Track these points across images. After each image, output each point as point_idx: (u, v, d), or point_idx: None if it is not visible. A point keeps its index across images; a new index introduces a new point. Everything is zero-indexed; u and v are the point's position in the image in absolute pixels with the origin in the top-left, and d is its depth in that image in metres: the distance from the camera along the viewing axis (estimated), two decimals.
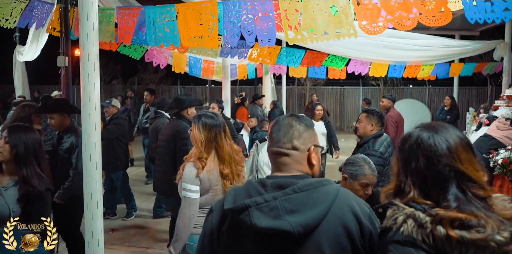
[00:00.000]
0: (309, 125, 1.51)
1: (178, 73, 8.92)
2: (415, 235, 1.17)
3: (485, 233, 1.13)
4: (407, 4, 2.42)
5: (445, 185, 1.22)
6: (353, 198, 1.39)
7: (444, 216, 1.16)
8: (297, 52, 7.55)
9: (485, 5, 2.23)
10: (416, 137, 1.29)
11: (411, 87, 16.59)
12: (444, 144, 1.25)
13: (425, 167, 1.24)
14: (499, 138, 5.43)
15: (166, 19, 3.26)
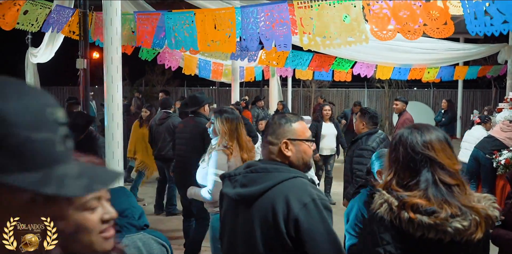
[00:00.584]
0: (285, 123, 1.75)
1: (184, 75, 9.13)
2: (386, 216, 1.40)
3: (440, 218, 1.33)
4: (414, 16, 2.61)
5: (418, 169, 1.43)
6: (298, 189, 1.61)
7: (407, 201, 1.37)
8: (304, 55, 7.74)
9: (485, 19, 2.41)
10: (399, 135, 1.54)
11: (416, 90, 16.73)
12: (420, 137, 1.47)
13: (402, 156, 1.46)
14: (502, 139, 5.57)
15: (185, 24, 3.46)
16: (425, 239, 1.35)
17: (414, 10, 2.61)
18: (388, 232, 1.40)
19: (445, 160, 1.44)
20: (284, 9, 2.90)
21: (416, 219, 1.34)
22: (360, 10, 2.78)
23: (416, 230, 1.35)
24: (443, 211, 1.34)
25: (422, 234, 1.35)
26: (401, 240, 1.39)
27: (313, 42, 2.89)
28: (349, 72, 9.71)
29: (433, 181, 1.40)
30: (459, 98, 14.32)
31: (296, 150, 1.74)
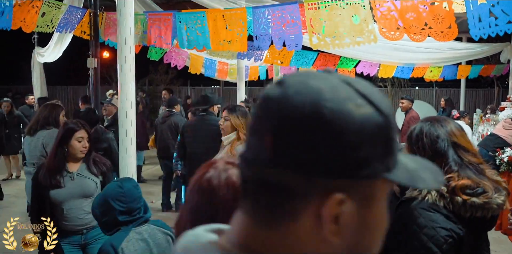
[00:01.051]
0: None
1: (188, 75, 9.25)
2: (438, 202, 1.47)
3: (488, 197, 1.43)
4: (420, 18, 2.72)
5: (445, 154, 1.54)
6: None
7: (456, 185, 1.45)
8: (309, 54, 7.83)
9: (489, 20, 2.51)
10: (419, 128, 1.64)
11: (418, 89, 16.81)
12: (442, 128, 1.59)
13: (429, 146, 1.57)
14: (504, 137, 5.66)
15: (197, 24, 3.56)
16: (472, 218, 1.45)
17: (421, 12, 2.71)
18: (443, 216, 1.46)
19: (466, 144, 1.59)
20: (295, 10, 3.00)
21: (469, 200, 1.43)
22: (369, 11, 2.88)
23: (467, 211, 1.44)
24: (489, 190, 1.44)
25: (471, 214, 1.44)
26: (455, 221, 1.46)
27: (322, 42, 3.00)
28: (352, 71, 9.79)
29: (462, 162, 1.51)
30: (461, 97, 14.37)
31: None
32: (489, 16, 2.50)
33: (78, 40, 5.68)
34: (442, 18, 2.66)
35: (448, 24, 2.67)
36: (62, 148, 2.79)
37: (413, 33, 2.73)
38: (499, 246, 4.89)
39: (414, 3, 2.68)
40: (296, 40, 3.01)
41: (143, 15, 4.50)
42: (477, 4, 2.52)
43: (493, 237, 5.31)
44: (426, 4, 2.65)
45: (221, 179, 1.02)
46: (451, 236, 1.43)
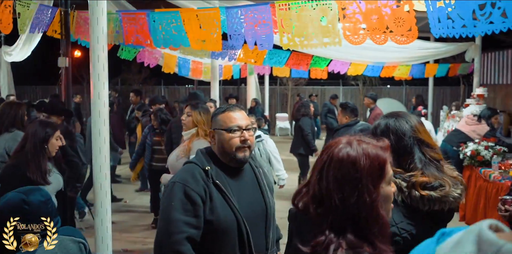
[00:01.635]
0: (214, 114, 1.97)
1: (162, 74, 9.22)
2: (397, 197, 1.53)
3: (445, 191, 1.53)
4: (382, 21, 2.84)
5: (411, 151, 1.62)
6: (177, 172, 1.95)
7: (416, 181, 1.54)
8: (282, 53, 7.94)
9: (447, 22, 2.65)
10: (385, 124, 1.70)
11: (389, 87, 17.22)
12: (407, 123, 1.67)
13: (396, 142, 1.62)
14: (467, 132, 5.92)
15: (172, 23, 3.60)
16: (430, 211, 1.54)
17: (383, 15, 2.83)
18: (400, 211, 1.54)
19: (428, 139, 1.68)
20: (267, 11, 3.09)
21: (426, 195, 1.52)
22: (336, 13, 2.99)
23: (424, 204, 1.53)
24: (446, 184, 1.54)
25: (429, 207, 1.53)
26: (411, 217, 1.54)
27: (291, 42, 3.09)
28: (325, 70, 9.98)
29: (426, 158, 1.60)
30: (429, 95, 14.80)
31: (217, 139, 1.90)
32: (447, 19, 2.65)
33: (48, 39, 5.59)
34: (403, 21, 2.78)
35: (408, 27, 2.80)
36: (44, 145, 2.86)
37: (376, 36, 2.85)
38: None
39: (377, 6, 2.80)
40: (267, 40, 3.10)
41: (116, 14, 4.49)
42: (436, 6, 2.66)
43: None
44: (389, 7, 2.78)
45: (359, 151, 1.15)
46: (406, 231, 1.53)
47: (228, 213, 1.78)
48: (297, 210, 1.23)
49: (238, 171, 1.93)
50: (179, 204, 1.73)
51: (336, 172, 1.14)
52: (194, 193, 1.74)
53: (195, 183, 1.76)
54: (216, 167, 1.86)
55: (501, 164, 5.18)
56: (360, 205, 1.10)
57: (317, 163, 1.21)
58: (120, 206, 6.31)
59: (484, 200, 5.10)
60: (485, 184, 5.15)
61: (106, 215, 3.78)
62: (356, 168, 1.12)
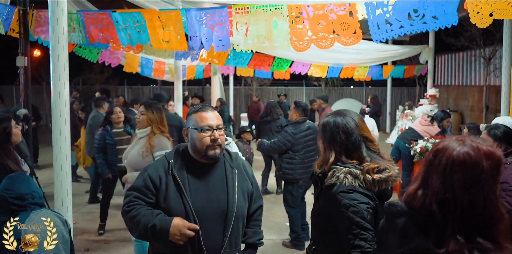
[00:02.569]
0: (188, 114, 2.09)
1: (125, 74, 9.16)
2: (354, 183, 1.76)
3: (390, 172, 1.80)
4: (329, 26, 3.06)
5: (359, 147, 1.86)
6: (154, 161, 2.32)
7: (368, 167, 1.80)
8: (245, 54, 8.10)
9: (386, 27, 2.93)
10: (333, 122, 1.90)
11: (350, 88, 17.74)
12: (352, 121, 1.89)
13: (346, 139, 1.86)
14: (420, 132, 6.28)
15: (135, 23, 3.68)
16: (379, 191, 1.80)
17: (330, 21, 3.06)
18: (361, 194, 1.75)
19: (369, 134, 1.92)
20: (224, 14, 3.23)
21: (377, 178, 1.77)
22: (286, 18, 3.18)
23: (375, 186, 1.78)
24: (389, 167, 1.82)
25: (379, 188, 1.79)
26: (371, 198, 1.77)
27: (245, 44, 3.26)
28: (287, 71, 10.23)
29: (370, 151, 1.87)
30: (388, 95, 15.43)
31: (190, 137, 2.06)
32: (386, 24, 2.91)
33: (4, 38, 5.50)
34: (348, 25, 3.02)
35: (353, 30, 3.03)
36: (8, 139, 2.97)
37: (322, 40, 3.05)
38: None
39: (325, 12, 3.02)
40: (224, 42, 3.24)
41: (77, 14, 4.50)
42: (375, 14, 2.91)
43: None
44: (335, 13, 3.00)
45: (477, 151, 1.21)
46: (370, 207, 1.74)
47: (179, 205, 1.96)
48: (412, 209, 1.30)
49: (209, 168, 2.07)
50: (137, 183, 2.05)
51: (461, 176, 1.20)
52: (149, 178, 2.01)
53: (155, 170, 2.02)
54: (184, 162, 2.05)
55: None
56: (487, 205, 1.17)
57: (432, 165, 1.27)
58: (79, 205, 6.27)
59: None
60: None
61: (67, 213, 3.81)
62: (481, 169, 1.18)
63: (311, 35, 3.08)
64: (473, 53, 12.32)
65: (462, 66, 13.61)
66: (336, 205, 1.75)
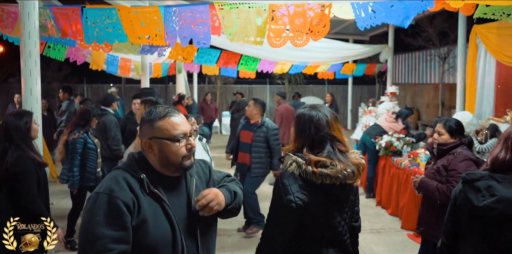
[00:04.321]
0: (149, 119, 1.66)
1: (84, 71, 8.94)
2: (295, 171, 1.88)
3: (336, 169, 1.87)
4: (305, 24, 3.19)
5: (324, 144, 1.95)
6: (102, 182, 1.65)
7: (311, 159, 1.88)
8: (213, 52, 8.12)
9: (370, 14, 3.14)
10: (308, 115, 1.99)
11: (312, 86, 18.09)
12: (325, 118, 1.97)
13: (314, 133, 1.95)
14: (385, 127, 6.57)
15: (106, 20, 3.63)
16: (323, 185, 1.87)
17: (307, 17, 3.19)
18: (297, 183, 1.87)
19: (340, 135, 2.00)
20: (205, 11, 3.27)
21: (317, 171, 1.85)
22: (267, 15, 3.27)
23: (317, 179, 1.86)
24: (338, 165, 1.89)
25: (322, 181, 1.86)
26: (305, 188, 1.87)
27: (236, 37, 3.30)
28: None
29: (334, 150, 1.94)
30: (349, 93, 15.88)
31: (158, 149, 1.64)
32: (369, 11, 3.11)
33: None
34: (320, 20, 3.19)
35: (323, 24, 3.20)
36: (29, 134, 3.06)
37: (297, 39, 3.18)
38: (379, 219, 5.70)
39: (304, 9, 3.15)
40: (204, 38, 3.28)
41: (45, 9, 4.39)
42: (360, 3, 3.10)
43: (375, 211, 6.17)
44: (313, 10, 3.14)
45: None
46: (298, 196, 1.84)
47: (164, 225, 1.60)
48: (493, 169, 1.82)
49: (174, 181, 1.72)
50: (104, 217, 1.49)
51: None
52: (121, 202, 1.52)
53: (122, 191, 1.55)
54: (151, 176, 1.64)
55: (410, 153, 5.84)
56: None
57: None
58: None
59: (397, 186, 5.71)
60: (397, 171, 5.77)
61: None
62: None
63: (288, 32, 3.21)
64: (429, 52, 12.90)
65: (419, 65, 14.22)
66: (277, 188, 1.93)
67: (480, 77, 6.87)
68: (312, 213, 1.88)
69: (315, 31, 3.29)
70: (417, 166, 5.35)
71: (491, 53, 6.54)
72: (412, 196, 5.21)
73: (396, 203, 5.69)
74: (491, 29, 6.43)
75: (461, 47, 7.02)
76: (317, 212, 1.90)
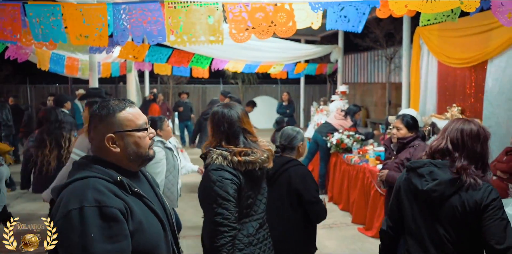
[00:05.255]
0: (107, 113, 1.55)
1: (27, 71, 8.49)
2: (223, 163, 2.16)
3: (256, 156, 2.21)
4: (267, 17, 3.24)
5: (238, 137, 2.26)
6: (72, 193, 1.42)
7: (235, 150, 2.20)
8: (164, 50, 7.99)
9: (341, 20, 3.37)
10: (221, 112, 2.28)
11: (265, 86, 18.25)
12: (236, 114, 2.28)
13: (228, 128, 2.25)
14: (335, 125, 6.76)
15: (51, 17, 3.47)
16: (247, 170, 2.19)
17: (268, 12, 3.24)
18: (228, 172, 2.15)
19: (250, 128, 2.32)
20: (157, 8, 3.21)
21: (242, 160, 2.17)
22: (221, 13, 3.27)
23: (242, 166, 2.17)
24: (257, 152, 2.23)
25: (245, 168, 2.18)
26: (236, 175, 2.16)
27: (179, 39, 3.27)
28: (206, 69, 10.27)
29: (247, 140, 2.27)
30: (301, 92, 16.15)
31: (126, 143, 1.55)
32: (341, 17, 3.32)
33: None
34: (285, 16, 3.25)
35: (289, 22, 3.27)
36: None
37: (261, 31, 3.22)
38: (331, 214, 5.84)
39: (262, 5, 3.19)
40: (159, 35, 3.22)
41: None
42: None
43: (327, 207, 6.30)
44: (272, 5, 3.20)
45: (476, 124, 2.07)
46: (233, 183, 2.13)
47: (154, 221, 1.56)
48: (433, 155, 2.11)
49: (139, 176, 1.69)
50: (100, 232, 1.34)
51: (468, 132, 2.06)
52: (116, 210, 1.39)
53: (111, 199, 1.41)
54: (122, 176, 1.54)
55: (359, 149, 6.05)
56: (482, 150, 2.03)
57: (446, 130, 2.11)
58: None
59: (348, 181, 5.89)
60: (347, 167, 5.95)
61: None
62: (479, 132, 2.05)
63: (251, 26, 3.23)
64: (377, 53, 13.40)
65: (368, 65, 14.74)
66: (208, 180, 2.16)
67: (423, 77, 7.22)
68: (242, 196, 2.19)
69: (280, 27, 3.35)
70: (366, 162, 5.55)
71: (433, 53, 6.89)
72: (362, 192, 5.40)
73: (347, 198, 5.87)
74: (432, 31, 6.78)
75: (405, 48, 7.34)
76: (245, 195, 2.21)
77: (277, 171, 2.87)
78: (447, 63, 6.55)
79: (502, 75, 5.44)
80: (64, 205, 1.38)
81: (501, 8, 2.88)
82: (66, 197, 1.41)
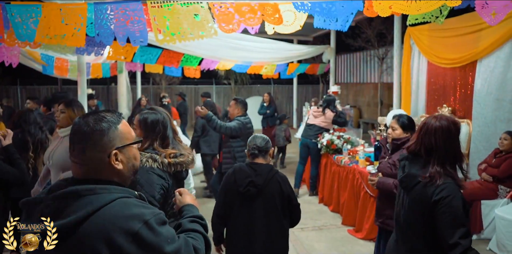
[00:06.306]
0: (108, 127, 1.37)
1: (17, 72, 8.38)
2: (153, 165, 2.27)
3: (184, 158, 2.36)
4: (254, 10, 3.22)
5: (167, 137, 2.43)
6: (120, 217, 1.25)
7: (165, 153, 2.33)
8: (154, 50, 7.92)
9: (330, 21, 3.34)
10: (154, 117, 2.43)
11: (258, 86, 18.21)
12: (167, 117, 2.48)
13: (163, 130, 2.42)
14: (318, 124, 6.67)
15: (31, 17, 3.41)
16: (175, 172, 2.33)
17: (253, 6, 3.22)
18: (157, 175, 2.24)
19: (175, 129, 2.51)
20: (139, 8, 3.15)
21: (172, 161, 2.30)
22: (207, 10, 3.22)
23: (171, 168, 2.30)
24: (184, 154, 2.38)
25: (174, 169, 2.31)
26: (165, 177, 2.26)
27: (168, 37, 3.22)
28: (197, 69, 10.20)
29: (176, 141, 2.47)
30: (294, 92, 16.13)
31: (127, 158, 1.42)
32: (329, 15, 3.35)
33: None
34: (271, 10, 3.26)
35: (276, 14, 3.27)
36: None
37: (249, 20, 3.19)
38: (321, 216, 5.82)
39: (247, 1, 3.17)
40: (141, 36, 3.17)
41: None
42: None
43: (317, 209, 6.29)
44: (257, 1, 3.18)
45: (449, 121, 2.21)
46: (161, 188, 2.22)
47: None
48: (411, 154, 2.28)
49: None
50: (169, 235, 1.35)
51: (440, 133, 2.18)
52: (162, 214, 1.37)
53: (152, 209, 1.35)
54: None
55: (350, 150, 6.01)
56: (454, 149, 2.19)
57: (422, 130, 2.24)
58: None
59: (338, 182, 5.86)
60: (338, 168, 5.92)
61: None
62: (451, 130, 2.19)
63: (239, 17, 3.21)
64: (369, 53, 13.40)
65: (360, 65, 14.74)
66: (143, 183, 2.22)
67: (414, 77, 7.22)
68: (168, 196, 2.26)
69: (269, 17, 3.33)
70: (356, 163, 5.52)
71: (423, 54, 6.88)
72: (352, 193, 5.36)
73: (337, 200, 5.84)
74: (423, 31, 6.77)
75: (397, 48, 7.32)
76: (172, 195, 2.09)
77: (266, 178, 2.85)
78: (437, 63, 6.54)
79: (491, 76, 5.44)
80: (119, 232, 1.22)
81: (485, 7, 2.86)
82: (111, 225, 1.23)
